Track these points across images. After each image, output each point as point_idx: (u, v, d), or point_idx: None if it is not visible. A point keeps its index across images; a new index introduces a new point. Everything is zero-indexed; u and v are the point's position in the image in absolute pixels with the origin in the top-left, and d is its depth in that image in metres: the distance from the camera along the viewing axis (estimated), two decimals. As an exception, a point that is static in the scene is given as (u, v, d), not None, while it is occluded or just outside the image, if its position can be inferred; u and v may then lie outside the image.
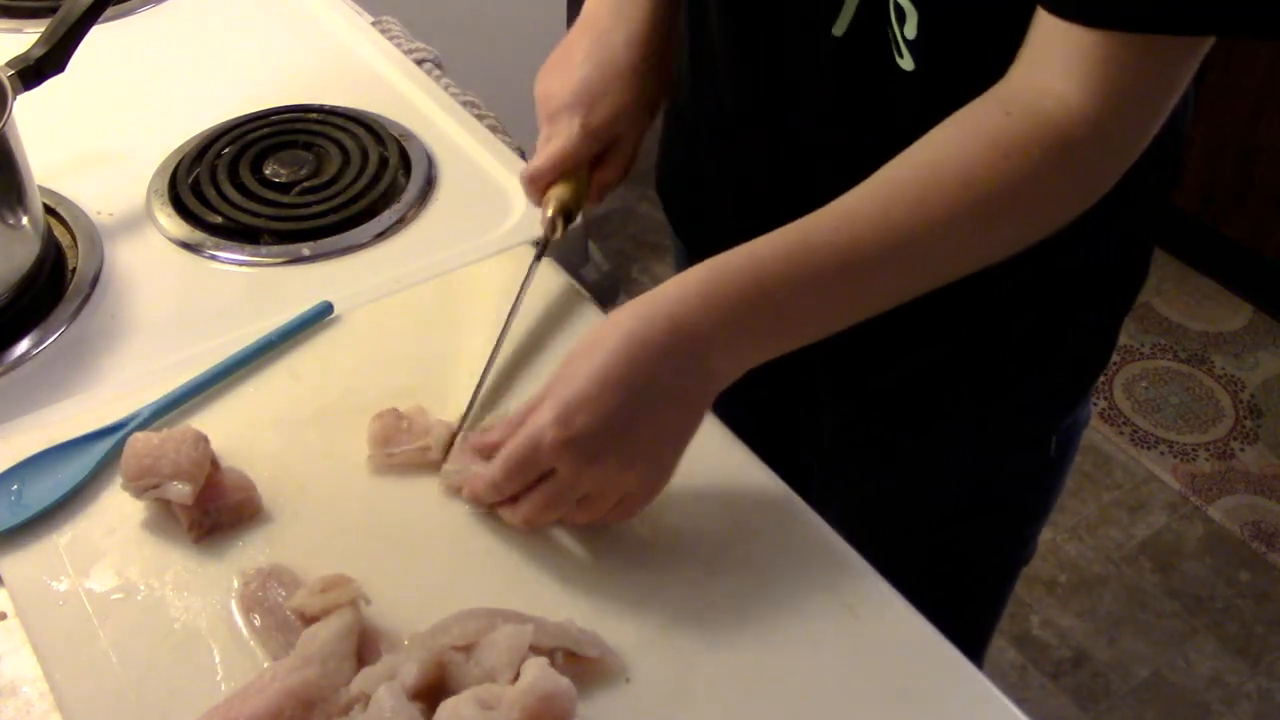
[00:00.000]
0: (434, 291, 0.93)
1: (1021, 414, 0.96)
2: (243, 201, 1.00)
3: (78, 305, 0.91)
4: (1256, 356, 2.36)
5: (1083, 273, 0.88)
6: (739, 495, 0.79)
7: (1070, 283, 0.89)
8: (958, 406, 0.95)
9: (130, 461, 0.75)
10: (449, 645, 0.67)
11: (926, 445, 0.98)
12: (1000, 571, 1.10)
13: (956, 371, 0.93)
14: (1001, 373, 0.93)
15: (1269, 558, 2.02)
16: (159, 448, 0.75)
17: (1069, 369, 0.94)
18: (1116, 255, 0.90)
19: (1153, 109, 0.69)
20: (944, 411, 0.96)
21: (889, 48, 0.76)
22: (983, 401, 0.95)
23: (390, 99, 1.13)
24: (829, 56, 0.80)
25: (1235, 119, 2.26)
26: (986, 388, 0.94)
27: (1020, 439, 0.97)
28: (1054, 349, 0.92)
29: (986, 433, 0.97)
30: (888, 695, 0.69)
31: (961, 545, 1.03)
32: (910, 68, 0.75)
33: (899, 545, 0.83)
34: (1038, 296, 0.88)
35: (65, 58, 0.96)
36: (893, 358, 0.92)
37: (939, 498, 1.01)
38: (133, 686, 0.68)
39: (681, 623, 0.72)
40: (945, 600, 0.76)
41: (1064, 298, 0.89)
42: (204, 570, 0.74)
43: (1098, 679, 1.86)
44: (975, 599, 1.09)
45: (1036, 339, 0.91)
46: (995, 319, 0.89)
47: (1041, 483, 1.02)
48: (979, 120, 0.70)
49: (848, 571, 0.75)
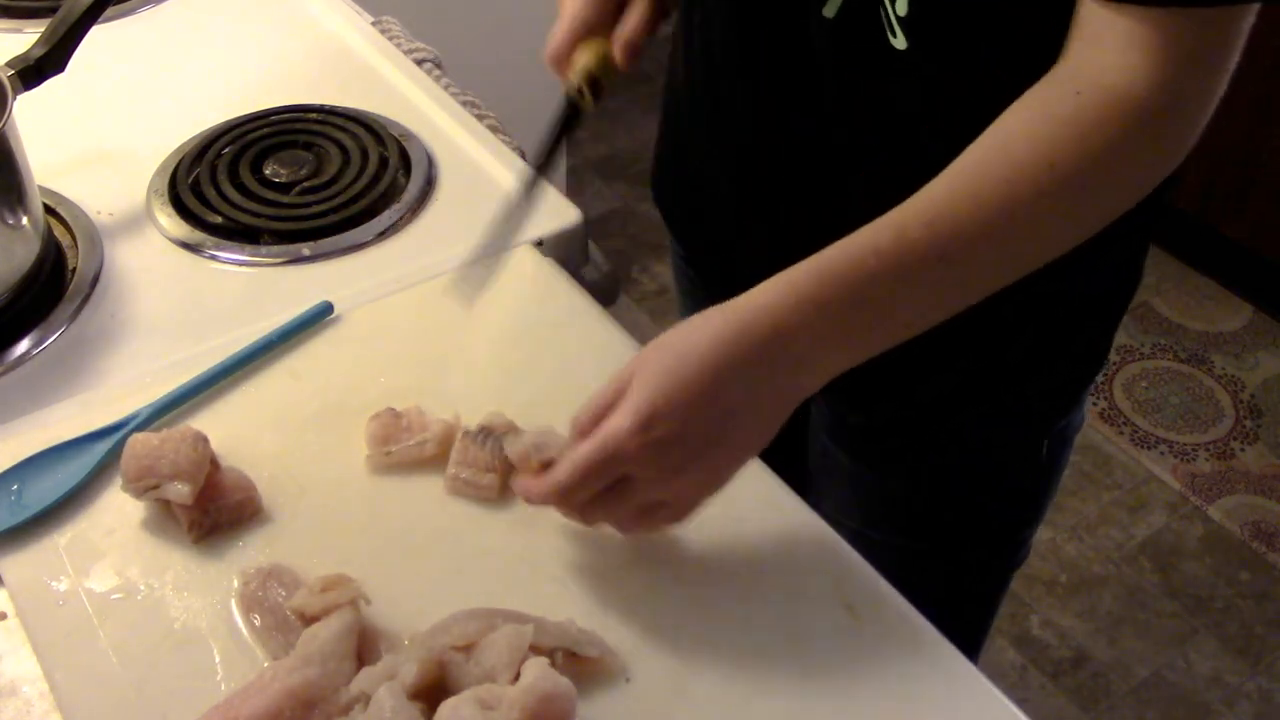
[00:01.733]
0: (434, 291, 0.93)
1: (1014, 422, 0.96)
2: (243, 201, 1.00)
3: (78, 305, 0.91)
4: (1256, 356, 2.36)
5: (1077, 293, 0.88)
6: (739, 495, 0.79)
7: (1066, 301, 0.88)
8: (952, 418, 0.95)
9: (130, 462, 0.75)
10: (449, 645, 0.67)
11: (917, 451, 0.98)
12: (993, 575, 1.09)
13: (954, 394, 0.93)
14: (997, 390, 0.93)
15: (1269, 558, 2.02)
16: (158, 448, 0.75)
17: (1062, 378, 0.94)
18: (1110, 273, 0.90)
19: (1216, 74, 0.69)
20: (938, 421, 0.95)
21: (881, 27, 0.75)
22: (976, 412, 0.95)
23: (390, 99, 1.13)
24: (822, 40, 0.79)
25: (1235, 119, 2.26)
26: (981, 402, 0.94)
27: (1012, 445, 0.97)
28: (1049, 362, 0.92)
29: (978, 439, 0.97)
30: (888, 695, 0.69)
31: (953, 549, 1.03)
32: (904, 46, 0.74)
33: (890, 547, 0.83)
34: (1034, 317, 0.88)
35: (65, 58, 0.96)
36: (893, 392, 0.92)
37: (930, 502, 1.00)
38: (133, 686, 0.68)
39: (681, 623, 0.72)
40: (938, 604, 0.75)
41: (1060, 316, 0.89)
42: (204, 570, 0.74)
43: (1098, 679, 1.86)
44: (968, 602, 1.08)
45: (1033, 356, 0.91)
46: (994, 344, 0.89)
47: (1034, 487, 1.02)
48: (1050, 102, 0.69)
49: (848, 571, 0.75)
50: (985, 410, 0.94)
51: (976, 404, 0.94)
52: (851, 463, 1.02)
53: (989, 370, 0.91)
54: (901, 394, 0.92)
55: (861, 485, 1.03)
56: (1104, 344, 0.95)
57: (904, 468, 1.00)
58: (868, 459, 1.02)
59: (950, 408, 0.94)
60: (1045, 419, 0.96)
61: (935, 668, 0.71)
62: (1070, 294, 0.88)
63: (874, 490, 1.03)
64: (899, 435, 0.98)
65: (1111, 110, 0.67)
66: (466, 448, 0.78)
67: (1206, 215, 2.40)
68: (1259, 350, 2.37)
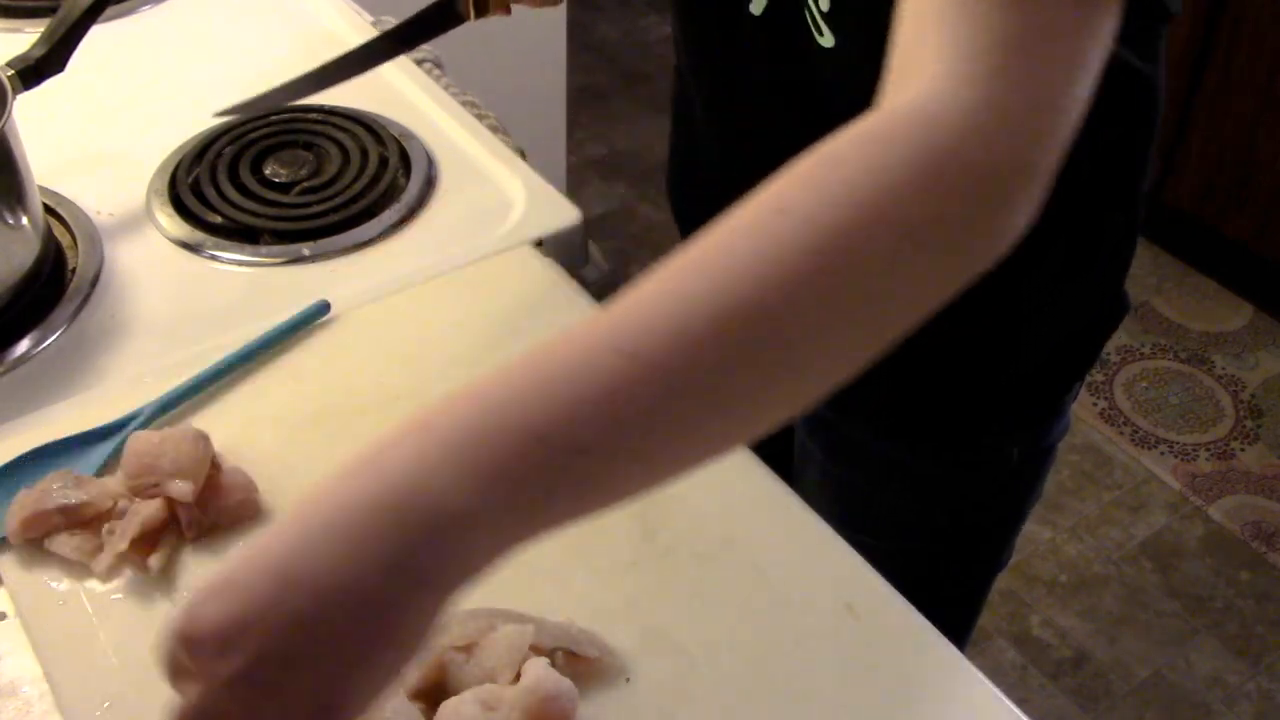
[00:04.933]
0: (434, 291, 0.93)
1: (996, 433, 0.94)
2: (243, 201, 1.00)
3: (78, 305, 0.91)
4: (1257, 356, 2.36)
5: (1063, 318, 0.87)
6: (739, 495, 0.79)
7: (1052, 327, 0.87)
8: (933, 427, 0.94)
9: (131, 460, 0.75)
10: (449, 645, 0.67)
11: (894, 454, 0.97)
12: (974, 577, 1.08)
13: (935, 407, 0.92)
14: (981, 402, 0.92)
15: (1269, 558, 2.02)
16: (159, 446, 0.75)
17: (1033, 393, 0.93)
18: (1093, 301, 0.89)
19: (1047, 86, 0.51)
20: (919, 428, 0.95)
21: (807, 25, 0.74)
22: (959, 422, 0.94)
23: (390, 99, 1.13)
24: (751, 37, 0.78)
25: (1235, 119, 2.26)
26: (964, 413, 0.93)
27: (982, 451, 0.95)
28: (1034, 375, 0.91)
29: (961, 445, 0.96)
30: (888, 695, 0.69)
31: (932, 555, 1.02)
32: (830, 44, 0.73)
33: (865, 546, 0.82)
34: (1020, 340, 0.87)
35: (65, 58, 0.96)
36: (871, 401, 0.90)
37: (905, 512, 1.00)
38: (133, 686, 0.68)
39: (681, 623, 0.72)
40: (917, 604, 0.75)
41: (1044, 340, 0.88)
42: (204, 570, 0.74)
43: (1098, 679, 1.86)
44: (948, 604, 1.08)
45: (1018, 370, 0.90)
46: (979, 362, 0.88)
47: (1009, 493, 1.00)
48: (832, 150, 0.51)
49: (848, 571, 0.75)
50: (968, 422, 0.93)
51: (959, 410, 0.92)
52: (827, 461, 1.02)
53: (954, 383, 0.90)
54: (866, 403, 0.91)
55: (838, 484, 1.03)
56: (1088, 357, 0.93)
57: (875, 465, 0.99)
58: (840, 459, 1.01)
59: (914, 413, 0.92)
60: (1012, 429, 0.94)
61: (936, 668, 0.71)
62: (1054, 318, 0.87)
63: (848, 490, 1.02)
64: (867, 432, 0.97)
65: (901, 144, 0.49)
66: None
67: (1206, 215, 2.40)
68: (1259, 350, 2.37)
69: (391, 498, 0.45)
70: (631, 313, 0.47)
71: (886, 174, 0.48)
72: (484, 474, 0.44)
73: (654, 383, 0.46)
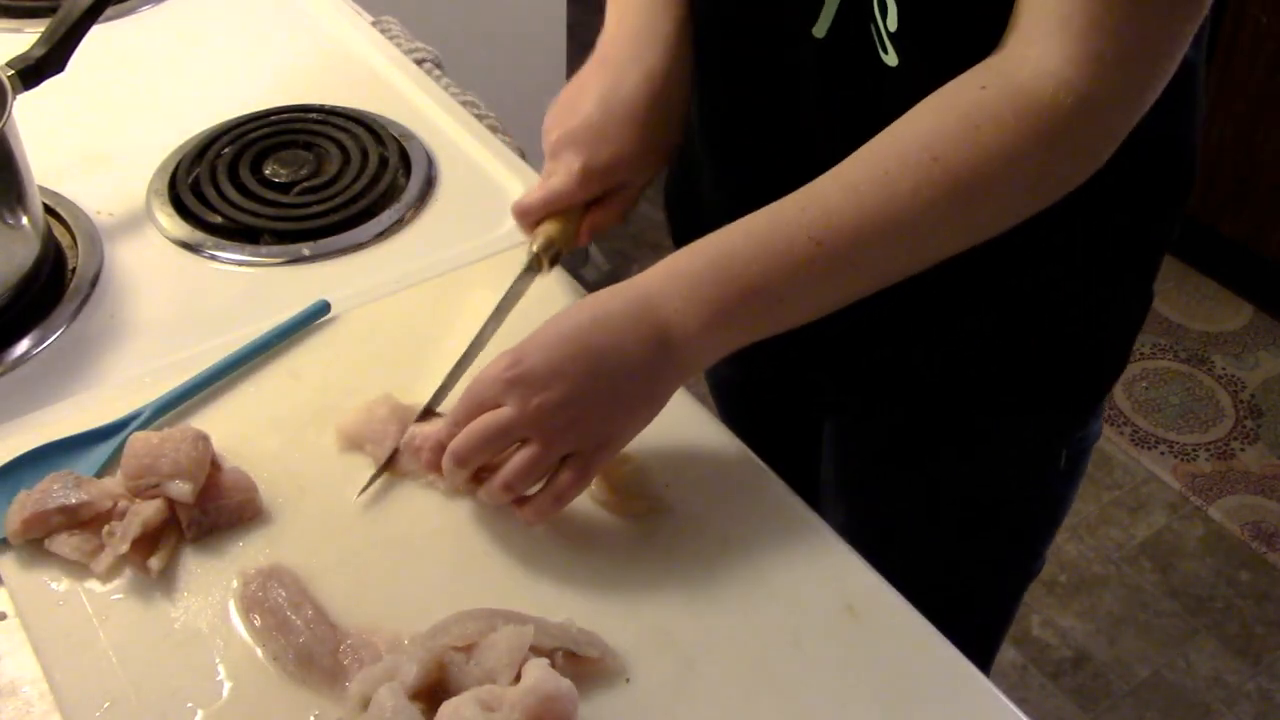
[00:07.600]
0: (434, 291, 0.93)
1: (1033, 429, 0.94)
2: (243, 201, 1.00)
3: (78, 305, 0.91)
4: (1257, 356, 2.36)
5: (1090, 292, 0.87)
6: (739, 496, 0.79)
7: (1081, 301, 0.87)
8: (968, 424, 0.94)
9: (130, 461, 0.75)
10: (449, 646, 0.67)
11: (936, 459, 0.97)
12: (1008, 585, 1.08)
13: (969, 397, 0.91)
14: (1015, 396, 0.91)
15: (1269, 558, 2.02)
16: (159, 447, 0.75)
17: (1082, 383, 0.93)
18: (1129, 273, 0.89)
19: (1140, 79, 0.67)
20: (956, 426, 0.94)
21: (872, 44, 0.75)
22: (994, 420, 0.93)
23: (390, 99, 1.13)
24: (811, 60, 0.78)
25: (1235, 118, 2.26)
26: (999, 409, 0.92)
27: (1031, 453, 0.95)
28: (1070, 369, 0.91)
29: (997, 447, 0.95)
30: (888, 695, 0.69)
31: (970, 559, 1.02)
32: (895, 63, 0.74)
33: (906, 557, 0.82)
34: (1053, 321, 0.87)
35: (65, 58, 0.96)
36: (905, 390, 0.91)
37: (948, 512, 0.99)
38: (133, 686, 0.68)
39: (681, 623, 0.72)
40: (952, 612, 0.75)
41: (1079, 320, 0.88)
42: (204, 570, 0.74)
43: (1098, 679, 1.86)
44: (982, 612, 1.07)
45: (1053, 362, 0.89)
46: (1010, 347, 0.88)
47: (1052, 497, 1.00)
48: (953, 94, 0.69)
49: (848, 571, 0.75)
50: (1003, 418, 0.93)
51: (993, 410, 0.92)
52: (862, 474, 1.01)
53: (1006, 374, 0.90)
54: (913, 393, 0.92)
55: (871, 497, 1.03)
56: (1122, 350, 0.93)
57: (915, 482, 0.99)
58: (879, 471, 1.01)
59: (965, 412, 0.92)
60: (1064, 428, 0.94)
61: (935, 668, 0.71)
62: (1088, 300, 0.87)
63: (884, 503, 1.02)
64: (913, 443, 0.97)
65: (1011, 105, 0.66)
66: None
67: (1206, 215, 2.40)
68: (1259, 350, 2.37)
69: (649, 312, 0.71)
70: (825, 205, 0.70)
71: (1014, 147, 0.67)
72: (709, 308, 0.71)
73: (834, 263, 0.71)
